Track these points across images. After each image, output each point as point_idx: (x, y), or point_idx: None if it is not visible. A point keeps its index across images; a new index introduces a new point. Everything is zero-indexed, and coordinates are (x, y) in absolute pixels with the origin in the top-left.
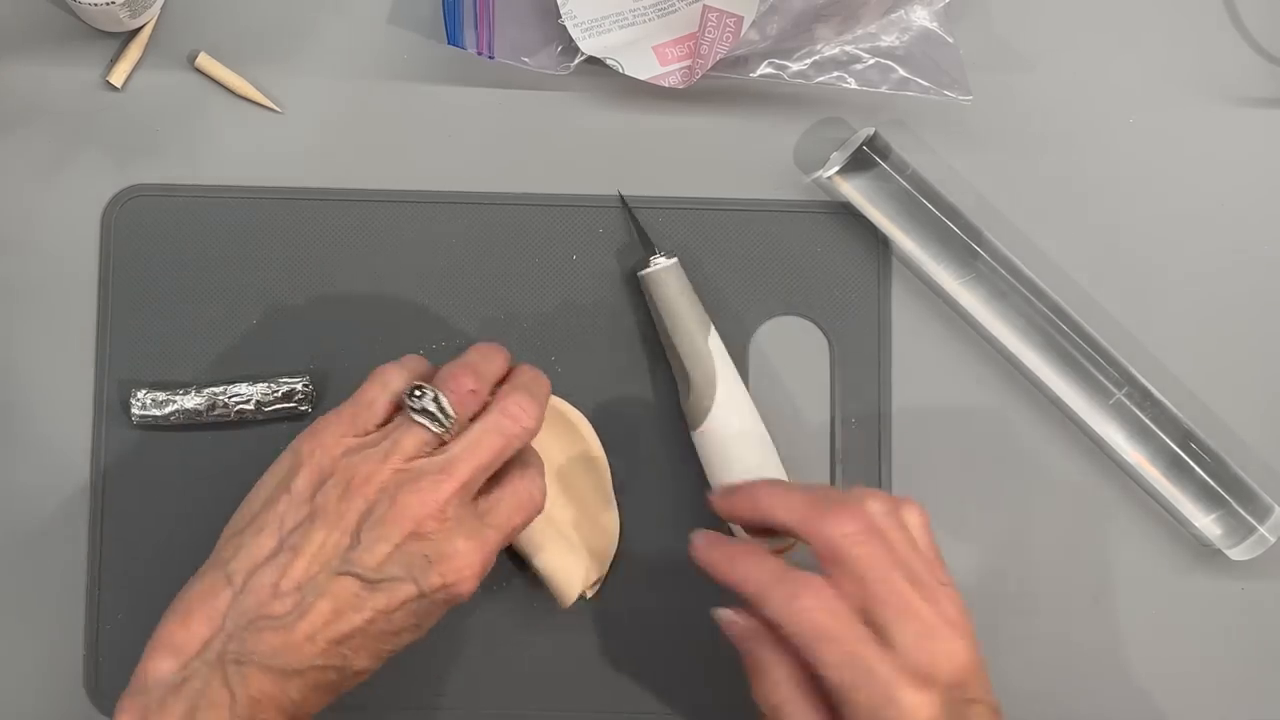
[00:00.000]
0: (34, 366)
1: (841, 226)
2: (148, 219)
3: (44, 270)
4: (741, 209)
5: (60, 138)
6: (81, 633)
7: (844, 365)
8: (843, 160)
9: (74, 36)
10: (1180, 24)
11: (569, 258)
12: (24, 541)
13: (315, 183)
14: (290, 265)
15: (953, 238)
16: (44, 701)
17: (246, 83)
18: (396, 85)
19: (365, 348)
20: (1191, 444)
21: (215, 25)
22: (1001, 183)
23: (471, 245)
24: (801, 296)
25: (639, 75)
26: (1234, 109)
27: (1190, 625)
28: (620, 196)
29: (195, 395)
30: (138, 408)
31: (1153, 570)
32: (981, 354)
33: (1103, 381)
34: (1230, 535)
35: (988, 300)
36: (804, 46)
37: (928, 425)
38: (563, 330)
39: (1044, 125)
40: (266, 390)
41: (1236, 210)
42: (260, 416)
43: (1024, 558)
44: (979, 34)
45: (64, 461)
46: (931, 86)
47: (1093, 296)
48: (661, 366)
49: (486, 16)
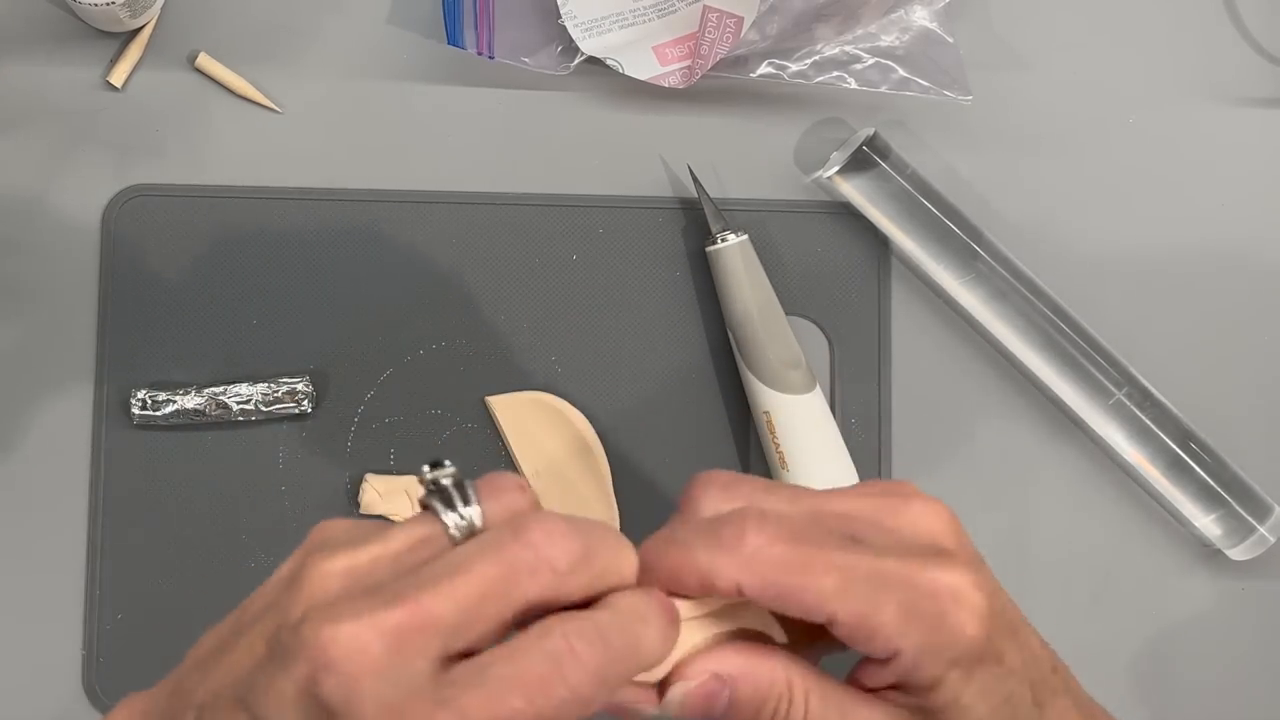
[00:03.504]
0: (34, 366)
1: (841, 226)
2: (148, 219)
3: (44, 270)
4: (741, 209)
5: (60, 138)
6: (80, 633)
7: (844, 365)
8: (843, 160)
9: (74, 36)
10: (1180, 24)
11: (569, 258)
12: (23, 541)
13: (315, 183)
14: (290, 265)
15: (953, 238)
16: (42, 701)
17: (246, 83)
18: (396, 85)
19: (365, 348)
20: (1191, 444)
21: (215, 25)
22: (1001, 183)
23: (471, 245)
24: (801, 296)
25: (639, 75)
26: (1234, 109)
27: (1190, 625)
28: (690, 170)
29: (195, 395)
30: (138, 407)
31: (1153, 570)
32: (981, 354)
33: (1103, 381)
34: (1230, 535)
35: (988, 300)
36: (804, 46)
37: (928, 425)
38: (562, 330)
39: (1044, 125)
40: (267, 390)
41: (1236, 210)
42: (259, 417)
43: (1024, 558)
44: (979, 34)
45: (64, 461)
46: (931, 86)
47: (1093, 296)
48: (661, 367)
49: (486, 16)
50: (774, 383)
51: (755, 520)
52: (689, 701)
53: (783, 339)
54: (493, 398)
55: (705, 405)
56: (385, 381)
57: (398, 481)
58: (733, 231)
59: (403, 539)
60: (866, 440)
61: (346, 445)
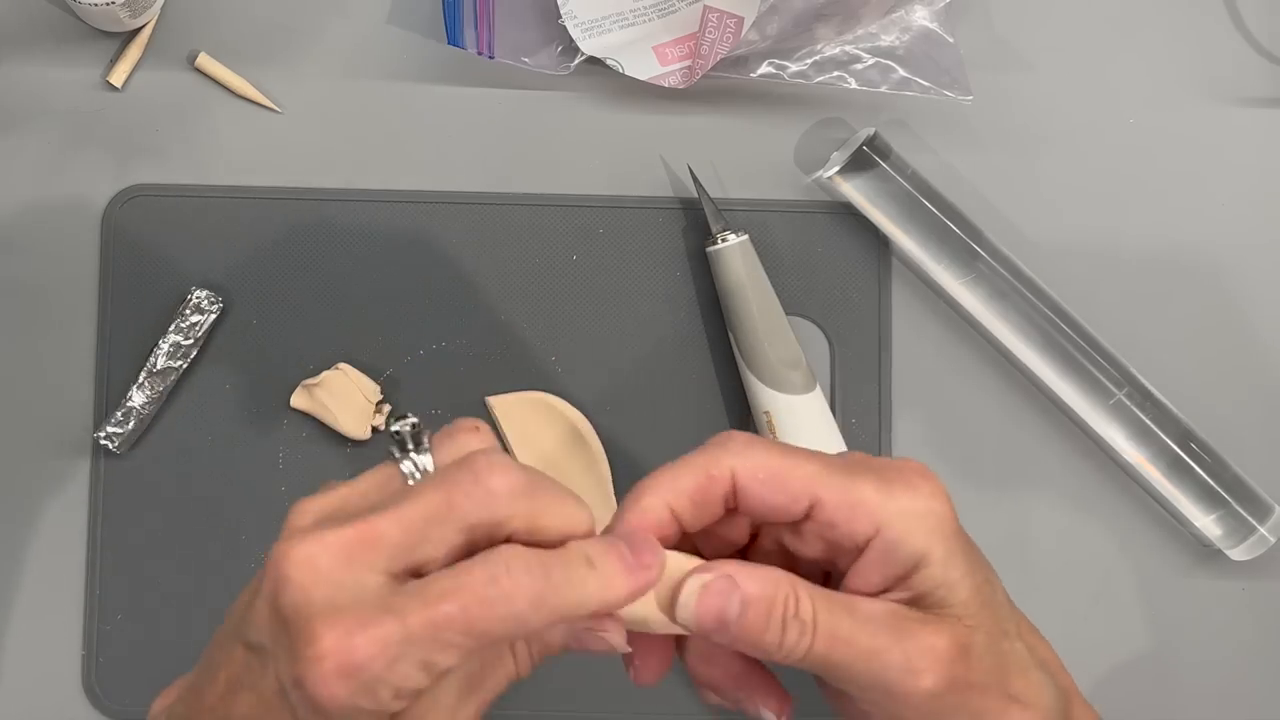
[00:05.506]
0: (34, 366)
1: (841, 226)
2: (148, 219)
3: (44, 270)
4: (742, 209)
5: (60, 138)
6: (80, 633)
7: (844, 365)
8: (843, 160)
9: (74, 36)
10: (1180, 24)
11: (569, 258)
12: (23, 540)
13: (315, 183)
14: (290, 265)
15: (953, 238)
16: (42, 701)
17: (246, 83)
18: (396, 85)
19: (365, 347)
20: (1191, 444)
21: (215, 25)
22: (1001, 183)
23: (471, 245)
24: (801, 296)
25: (639, 75)
26: (1234, 109)
27: (1190, 625)
28: (690, 170)
29: (137, 392)
30: (109, 442)
31: (1153, 570)
32: (981, 354)
33: (1103, 381)
34: (1230, 535)
35: (988, 300)
36: (804, 46)
37: (928, 425)
38: (562, 330)
39: (1044, 125)
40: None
41: (1236, 210)
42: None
43: (1024, 558)
44: (979, 34)
45: (63, 461)
46: (932, 86)
47: (1093, 296)
48: (662, 367)
49: (486, 16)
50: (774, 383)
51: (742, 433)
52: (703, 604)
53: (783, 339)
54: (493, 398)
55: (705, 405)
56: (385, 381)
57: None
58: (733, 231)
59: (368, 481)
60: (866, 440)
61: (347, 445)
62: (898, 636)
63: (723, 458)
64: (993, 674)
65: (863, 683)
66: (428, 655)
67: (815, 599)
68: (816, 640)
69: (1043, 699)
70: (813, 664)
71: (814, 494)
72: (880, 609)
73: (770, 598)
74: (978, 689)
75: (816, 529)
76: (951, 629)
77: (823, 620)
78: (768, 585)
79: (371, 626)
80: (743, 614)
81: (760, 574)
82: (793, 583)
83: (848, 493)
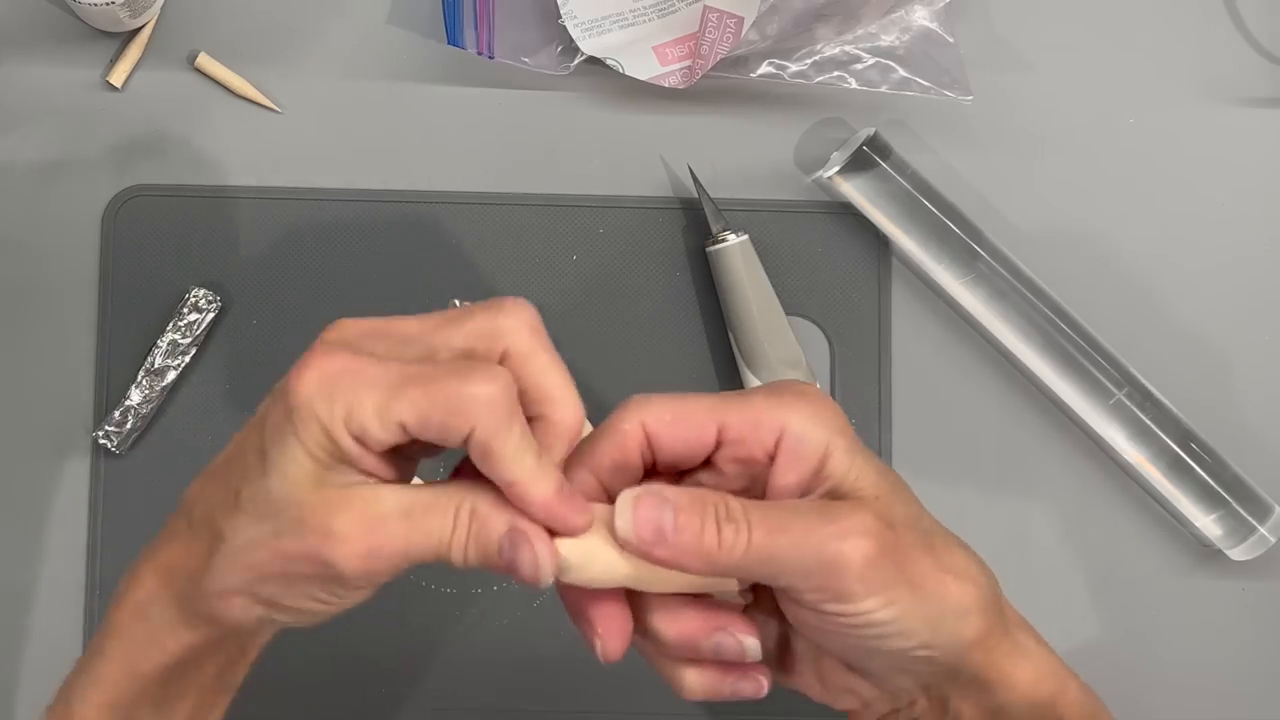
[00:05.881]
0: (34, 366)
1: (841, 226)
2: (148, 219)
3: (44, 270)
4: (741, 209)
5: (60, 138)
6: (80, 633)
7: (844, 365)
8: (843, 160)
9: (74, 36)
10: (1180, 24)
11: (569, 258)
12: (24, 540)
13: (315, 183)
14: (290, 265)
15: (953, 238)
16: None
17: (246, 83)
18: (396, 85)
19: None
20: (1191, 444)
21: (215, 25)
22: (1001, 183)
23: (471, 245)
24: (801, 296)
25: (639, 75)
26: (1234, 109)
27: (1190, 625)
28: (690, 170)
29: (134, 390)
30: (108, 441)
31: (1153, 570)
32: (981, 354)
33: (1103, 381)
34: (1230, 535)
35: (988, 300)
36: (804, 46)
37: (928, 425)
38: (562, 330)
39: (1044, 125)
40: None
41: (1236, 210)
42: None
43: (1024, 558)
44: (979, 34)
45: (64, 460)
46: (932, 86)
47: (1093, 296)
48: (662, 366)
49: (486, 16)
50: None
51: (640, 394)
52: (639, 515)
53: (783, 339)
54: None
55: None
56: None
57: None
58: (733, 231)
59: (413, 325)
60: (866, 440)
61: None
62: (828, 517)
63: (628, 416)
64: (920, 543)
65: (805, 567)
66: (391, 402)
67: (743, 502)
68: (754, 533)
69: (977, 575)
70: (754, 560)
71: (718, 419)
72: (805, 501)
73: (701, 501)
74: (910, 554)
75: (730, 454)
76: (871, 505)
77: (755, 515)
78: (695, 494)
79: (360, 361)
80: (677, 520)
81: (686, 489)
82: (720, 494)
83: (747, 411)
